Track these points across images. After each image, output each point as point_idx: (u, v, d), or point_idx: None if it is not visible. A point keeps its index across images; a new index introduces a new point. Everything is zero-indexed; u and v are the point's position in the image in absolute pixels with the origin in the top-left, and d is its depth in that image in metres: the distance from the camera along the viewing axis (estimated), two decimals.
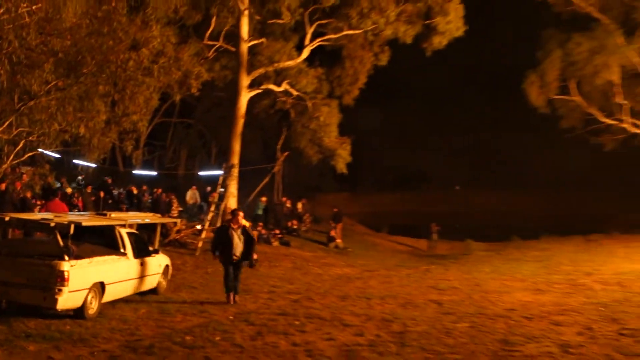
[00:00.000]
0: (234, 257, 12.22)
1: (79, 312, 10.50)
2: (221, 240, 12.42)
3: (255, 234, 13.51)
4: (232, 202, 21.80)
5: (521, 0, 32.13)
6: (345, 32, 22.86)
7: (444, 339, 9.45)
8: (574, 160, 57.99)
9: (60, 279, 10.00)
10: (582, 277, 16.69)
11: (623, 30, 29.34)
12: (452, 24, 22.64)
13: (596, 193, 60.71)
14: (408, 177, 75.09)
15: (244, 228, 12.38)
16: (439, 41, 23.05)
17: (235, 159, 22.02)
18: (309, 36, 23.19)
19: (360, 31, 22.74)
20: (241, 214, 12.73)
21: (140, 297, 12.86)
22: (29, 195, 17.21)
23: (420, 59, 23.98)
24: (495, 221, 44.61)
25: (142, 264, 12.75)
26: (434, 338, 9.54)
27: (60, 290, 9.98)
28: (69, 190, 20.76)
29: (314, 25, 23.16)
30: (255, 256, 12.63)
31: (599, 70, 29.56)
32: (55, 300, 9.95)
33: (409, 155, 72.77)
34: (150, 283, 13.28)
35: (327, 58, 25.18)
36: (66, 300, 10.10)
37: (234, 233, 12.18)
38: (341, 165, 23.42)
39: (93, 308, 10.82)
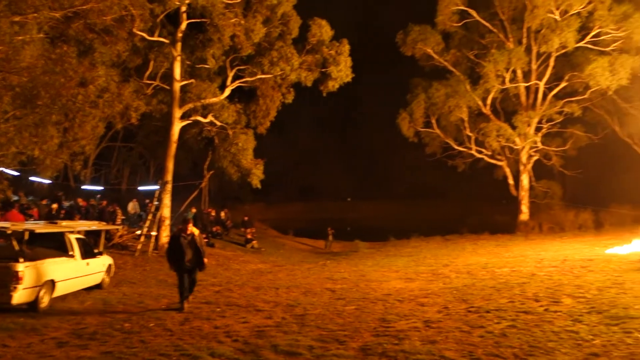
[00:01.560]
0: (187, 265, 10.83)
1: (32, 306, 10.05)
2: (174, 249, 11.02)
3: (204, 241, 11.64)
4: (166, 212, 21.28)
5: (395, 56, 33.02)
6: (259, 76, 22.85)
7: (335, 319, 9.53)
8: (435, 178, 60.06)
9: (15, 278, 9.55)
10: (441, 268, 17.21)
11: (470, 80, 30.91)
12: (342, 72, 23.09)
13: (452, 202, 63.10)
14: (309, 190, 75.57)
15: (192, 236, 10.97)
16: (332, 85, 23.42)
17: (169, 176, 21.49)
18: (229, 78, 23.02)
19: (271, 75, 22.80)
20: (191, 222, 11.24)
21: (87, 292, 12.33)
22: None
23: (320, 96, 24.21)
24: (378, 225, 45.37)
25: (88, 264, 12.33)
26: (328, 319, 9.61)
27: (15, 287, 9.55)
28: (24, 202, 19.74)
29: (234, 70, 23.03)
30: (205, 261, 11.08)
31: (452, 110, 30.96)
32: (11, 297, 9.52)
33: (310, 172, 73.31)
34: (95, 280, 12.85)
35: (244, 96, 25.06)
36: (20, 296, 9.67)
37: (184, 242, 10.85)
38: (256, 182, 23.24)
39: (45, 302, 10.33)
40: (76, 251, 11.96)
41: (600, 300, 9.65)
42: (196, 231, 11.10)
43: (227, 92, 23.00)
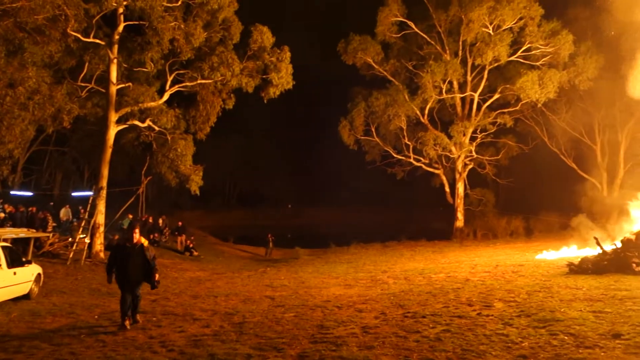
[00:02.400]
0: (131, 278, 9.43)
1: None
2: (116, 261, 9.52)
3: (153, 252, 9.87)
4: (100, 219, 20.61)
5: (337, 65, 33.40)
6: (199, 81, 22.52)
7: (274, 327, 9.47)
8: (375, 185, 60.96)
9: None
10: (379, 274, 17.42)
11: (408, 90, 31.65)
12: (283, 79, 23.11)
13: (392, 209, 64.26)
14: (251, 196, 75.13)
15: (141, 246, 9.55)
16: (273, 91, 23.40)
17: (104, 182, 20.84)
18: (169, 83, 22.58)
19: (212, 81, 22.52)
20: (138, 229, 9.78)
21: (14, 302, 11.72)
22: None
23: (262, 102, 24.12)
24: (319, 232, 45.58)
25: (15, 273, 11.72)
26: (266, 326, 9.54)
27: None
28: None
29: (174, 74, 22.61)
30: (157, 277, 9.59)
31: (392, 119, 31.58)
32: None
33: (251, 178, 72.83)
34: (22, 290, 12.23)
35: (184, 101, 24.60)
36: None
37: (129, 252, 9.43)
38: (194, 188, 22.85)
39: None
40: (2, 260, 11.39)
41: (529, 304, 10.03)
42: (145, 241, 9.77)
43: (166, 96, 22.56)
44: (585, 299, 10.11)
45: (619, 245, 14.09)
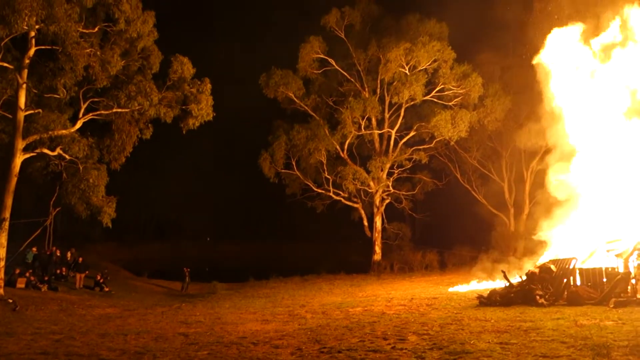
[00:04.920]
0: None
1: None
2: None
3: None
4: (1, 253, 19.23)
5: (258, 97, 33.55)
6: (115, 110, 21.83)
7: None
8: (295, 218, 60.92)
9: None
10: (297, 309, 17.28)
11: (329, 124, 32.26)
12: (203, 110, 22.82)
13: (312, 242, 64.36)
14: (167, 229, 72.91)
15: None
16: (192, 123, 23.03)
17: (7, 213, 19.52)
18: (82, 110, 21.72)
19: (128, 110, 21.92)
20: None
21: None
22: None
23: (189, 132, 23.69)
24: (238, 266, 44.78)
25: None
26: None
27: None
28: None
29: (88, 102, 21.80)
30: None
31: (312, 152, 31.95)
32: None
33: (169, 210, 70.90)
34: None
35: (98, 129, 23.73)
36: None
37: None
38: (107, 220, 21.89)
39: None
40: None
41: (442, 337, 10.29)
42: None
43: (79, 124, 21.66)
44: (493, 331, 10.49)
45: (524, 278, 14.82)
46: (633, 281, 13.62)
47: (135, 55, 22.09)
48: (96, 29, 20.48)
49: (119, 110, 21.85)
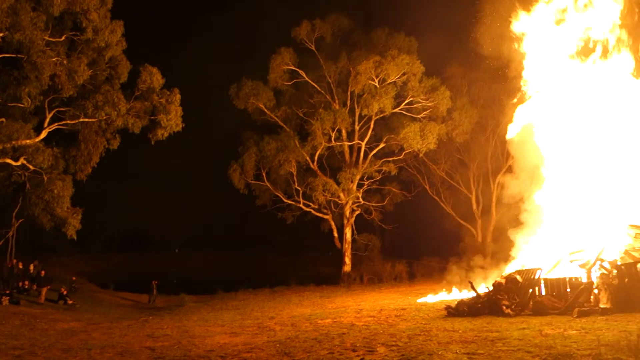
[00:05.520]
0: None
1: None
2: None
3: None
4: None
5: (228, 108, 33.41)
6: (81, 120, 21.54)
7: None
8: (265, 229, 60.59)
9: None
10: (267, 321, 17.12)
11: (299, 136, 32.30)
12: (172, 121, 22.69)
13: (282, 254, 64.04)
14: (135, 240, 71.68)
15: None
16: (161, 133, 22.87)
17: None
18: (47, 120, 21.37)
19: (95, 120, 21.63)
20: None
21: None
22: None
23: (158, 143, 23.45)
24: (207, 277, 44.20)
25: None
26: None
27: None
28: None
29: (53, 111, 21.46)
30: None
31: (282, 164, 31.88)
32: None
33: (136, 221, 69.65)
34: None
35: (64, 139, 23.36)
36: None
37: None
38: (71, 232, 21.47)
39: None
40: None
41: (410, 348, 10.32)
42: None
43: (44, 134, 21.28)
44: (460, 341, 10.57)
45: (491, 288, 15.00)
46: (595, 291, 13.92)
47: (103, 64, 21.87)
48: (63, 38, 20.20)
49: (86, 120, 21.55)
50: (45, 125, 21.33)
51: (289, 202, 33.87)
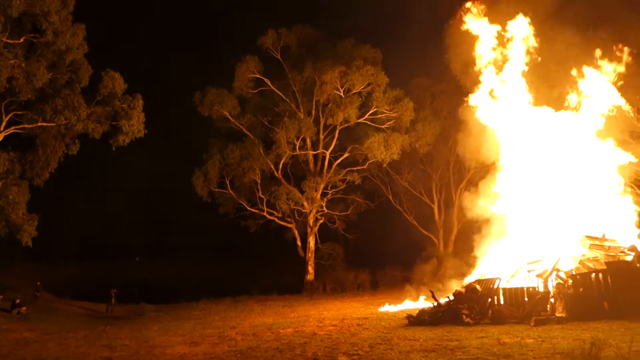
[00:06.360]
0: None
1: None
2: None
3: None
4: None
5: (192, 114, 33.07)
6: (39, 124, 20.95)
7: None
8: (229, 238, 59.99)
9: None
10: (228, 330, 16.92)
11: (264, 144, 32.19)
12: (134, 127, 22.31)
13: (245, 262, 63.45)
14: (93, 248, 69.95)
15: None
16: (123, 139, 22.45)
17: None
18: (4, 123, 20.73)
19: (54, 124, 21.07)
20: None
21: None
22: None
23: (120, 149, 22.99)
24: (169, 286, 43.40)
25: None
26: None
27: None
28: None
29: (10, 115, 20.82)
30: None
31: (246, 172, 31.75)
32: None
33: (95, 228, 67.98)
34: None
35: (21, 143, 22.65)
36: None
37: None
38: (27, 239, 20.79)
39: None
40: None
41: (371, 357, 10.34)
42: None
43: (0, 138, 20.60)
44: (421, 350, 10.65)
45: (452, 298, 15.19)
46: (552, 300, 14.26)
47: (64, 68, 21.38)
48: (22, 40, 19.67)
49: (44, 124, 20.99)
50: (1, 129, 20.68)
51: (253, 210, 33.65)
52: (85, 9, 22.43)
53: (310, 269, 33.11)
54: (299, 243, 33.94)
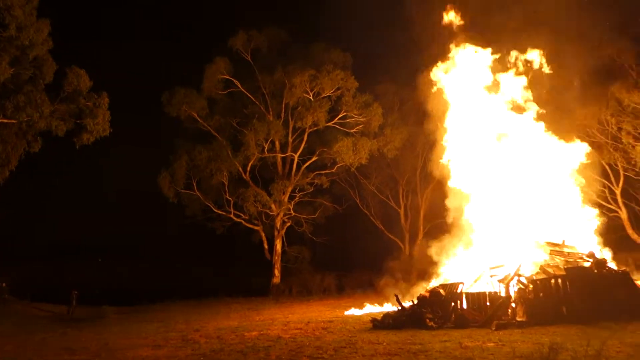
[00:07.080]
0: None
1: None
2: None
3: None
4: None
5: (160, 114, 32.61)
6: (0, 121, 20.35)
7: None
8: (195, 239, 59.35)
9: None
10: (192, 333, 16.71)
11: (232, 146, 32.01)
12: (99, 126, 21.88)
13: (212, 264, 62.83)
14: (55, 247, 68.27)
15: None
16: (87, 138, 21.99)
17: None
18: None
19: (15, 121, 20.50)
20: None
21: None
22: None
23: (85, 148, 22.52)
24: (132, 288, 42.66)
25: None
26: None
27: None
28: None
29: None
30: None
31: (214, 173, 31.52)
32: None
33: (58, 228, 66.35)
34: None
35: None
36: None
37: None
38: None
39: None
40: None
41: None
42: None
43: None
44: (384, 354, 10.72)
45: (416, 302, 15.35)
46: (513, 305, 14.54)
47: (27, 64, 20.85)
48: None
49: (5, 120, 20.42)
50: None
51: (220, 212, 33.39)
52: (51, 4, 21.99)
53: (277, 272, 33.02)
54: (265, 246, 33.82)
